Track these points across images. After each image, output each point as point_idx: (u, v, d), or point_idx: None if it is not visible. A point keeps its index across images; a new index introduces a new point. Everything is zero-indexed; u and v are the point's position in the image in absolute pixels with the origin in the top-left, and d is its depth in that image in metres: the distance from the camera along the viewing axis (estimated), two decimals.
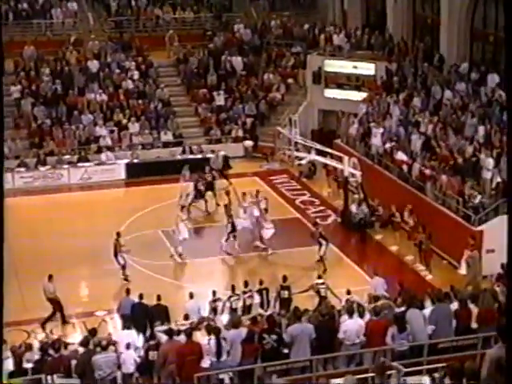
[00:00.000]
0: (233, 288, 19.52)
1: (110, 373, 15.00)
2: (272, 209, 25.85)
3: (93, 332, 16.22)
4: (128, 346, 15.44)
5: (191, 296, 19.06)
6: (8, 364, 14.62)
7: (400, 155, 26.95)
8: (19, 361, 15.39)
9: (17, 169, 30.78)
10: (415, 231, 23.79)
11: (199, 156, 32.56)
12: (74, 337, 18.98)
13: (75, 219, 27.03)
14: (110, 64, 36.07)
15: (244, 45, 38.01)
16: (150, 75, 36.24)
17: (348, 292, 18.74)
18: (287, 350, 14.90)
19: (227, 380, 14.34)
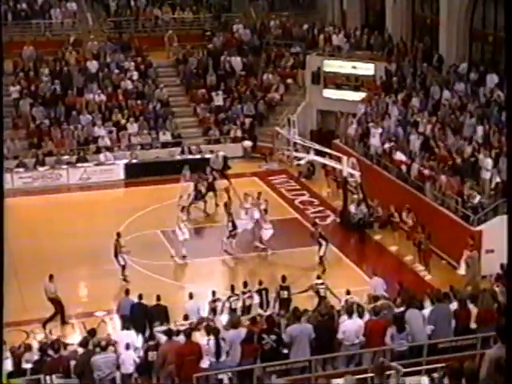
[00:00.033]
0: (232, 288, 19.53)
1: (109, 373, 14.99)
2: (271, 209, 25.82)
3: (92, 332, 16.20)
4: (127, 347, 15.43)
5: (191, 296, 19.07)
6: (7, 364, 14.62)
7: (399, 155, 26.95)
8: (18, 361, 15.39)
9: (16, 169, 30.76)
10: (414, 231, 23.78)
11: (198, 156, 32.56)
12: (74, 337, 18.97)
13: (74, 219, 27.02)
14: (109, 64, 36.06)
15: (243, 45, 38.00)
16: (149, 75, 36.24)
17: (347, 292, 18.75)
18: (286, 351, 14.91)
19: (226, 380, 14.33)
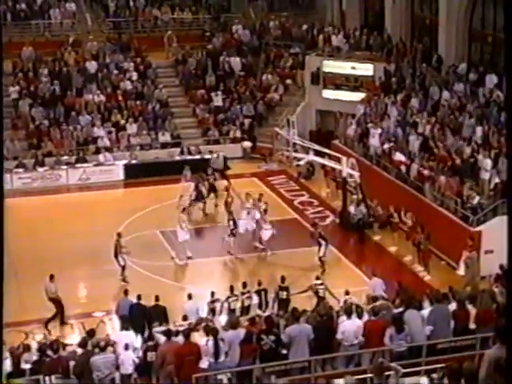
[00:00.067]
0: (231, 289, 19.51)
1: (109, 374, 15.00)
2: (270, 209, 25.79)
3: (91, 333, 16.20)
4: (126, 347, 15.44)
5: (189, 297, 19.06)
6: (6, 365, 14.60)
7: (398, 156, 26.94)
8: (17, 362, 15.39)
9: (15, 170, 30.72)
10: (414, 232, 23.77)
11: (197, 157, 32.56)
12: (73, 338, 18.96)
13: (74, 220, 26.99)
14: (109, 65, 36.05)
15: (242, 45, 38.00)
16: (149, 76, 36.23)
17: (346, 293, 18.73)
18: (285, 351, 14.91)
19: (226, 381, 14.32)
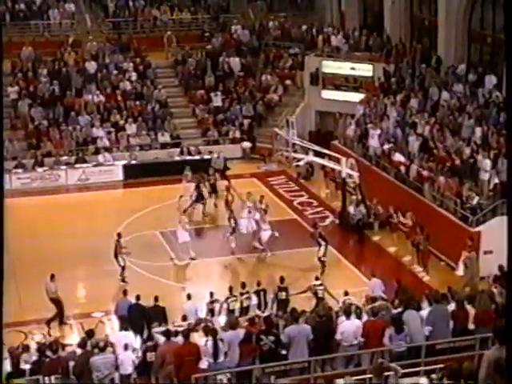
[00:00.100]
0: (230, 289, 19.50)
1: (108, 374, 15.01)
2: (270, 210, 25.79)
3: (90, 333, 16.20)
4: (126, 347, 15.44)
5: (189, 297, 19.06)
6: (6, 365, 14.61)
7: (397, 156, 26.94)
8: (17, 362, 15.40)
9: (14, 170, 30.70)
10: (413, 232, 23.76)
11: (197, 157, 32.56)
12: (72, 338, 18.97)
13: (73, 220, 26.99)
14: (108, 65, 36.05)
15: (242, 46, 38.00)
16: (148, 76, 36.23)
17: (346, 293, 18.73)
18: (285, 351, 14.92)
19: (225, 381, 14.34)
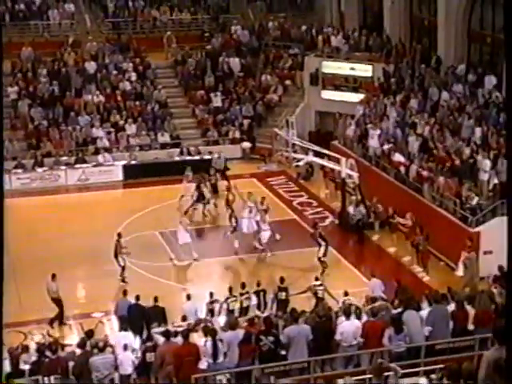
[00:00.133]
0: (230, 289, 19.49)
1: (108, 374, 15.01)
2: (270, 210, 25.77)
3: (90, 333, 16.20)
4: (125, 348, 15.44)
5: (188, 297, 19.06)
6: (5, 365, 14.60)
7: (397, 157, 26.94)
8: (16, 362, 15.39)
9: (14, 170, 30.70)
10: (413, 232, 23.75)
11: (197, 157, 32.56)
12: (71, 338, 18.97)
13: (72, 220, 26.99)
14: (108, 65, 36.06)
15: (241, 46, 38.00)
16: (148, 76, 36.23)
17: (345, 293, 18.73)
18: (284, 352, 14.91)
19: (225, 381, 14.33)
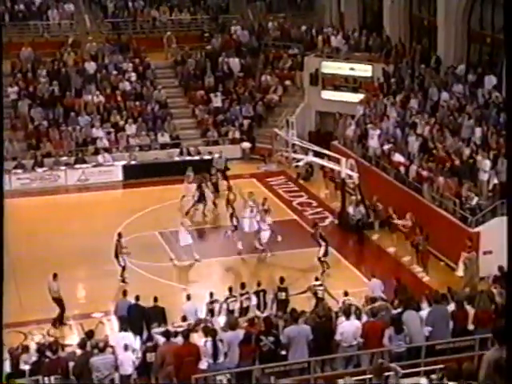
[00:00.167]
0: (230, 290, 19.50)
1: (108, 374, 15.01)
2: (271, 211, 25.77)
3: (90, 334, 16.21)
4: (126, 348, 15.45)
5: (188, 297, 19.07)
6: (5, 366, 14.60)
7: (397, 157, 26.95)
8: (16, 362, 15.40)
9: (14, 170, 30.69)
10: (413, 233, 23.76)
11: (197, 158, 32.57)
12: (72, 338, 18.98)
13: (72, 221, 27.01)
14: (108, 65, 36.05)
15: (241, 46, 38.00)
16: (148, 77, 36.22)
17: (345, 294, 18.74)
18: (284, 352, 14.92)
19: (225, 381, 14.34)
